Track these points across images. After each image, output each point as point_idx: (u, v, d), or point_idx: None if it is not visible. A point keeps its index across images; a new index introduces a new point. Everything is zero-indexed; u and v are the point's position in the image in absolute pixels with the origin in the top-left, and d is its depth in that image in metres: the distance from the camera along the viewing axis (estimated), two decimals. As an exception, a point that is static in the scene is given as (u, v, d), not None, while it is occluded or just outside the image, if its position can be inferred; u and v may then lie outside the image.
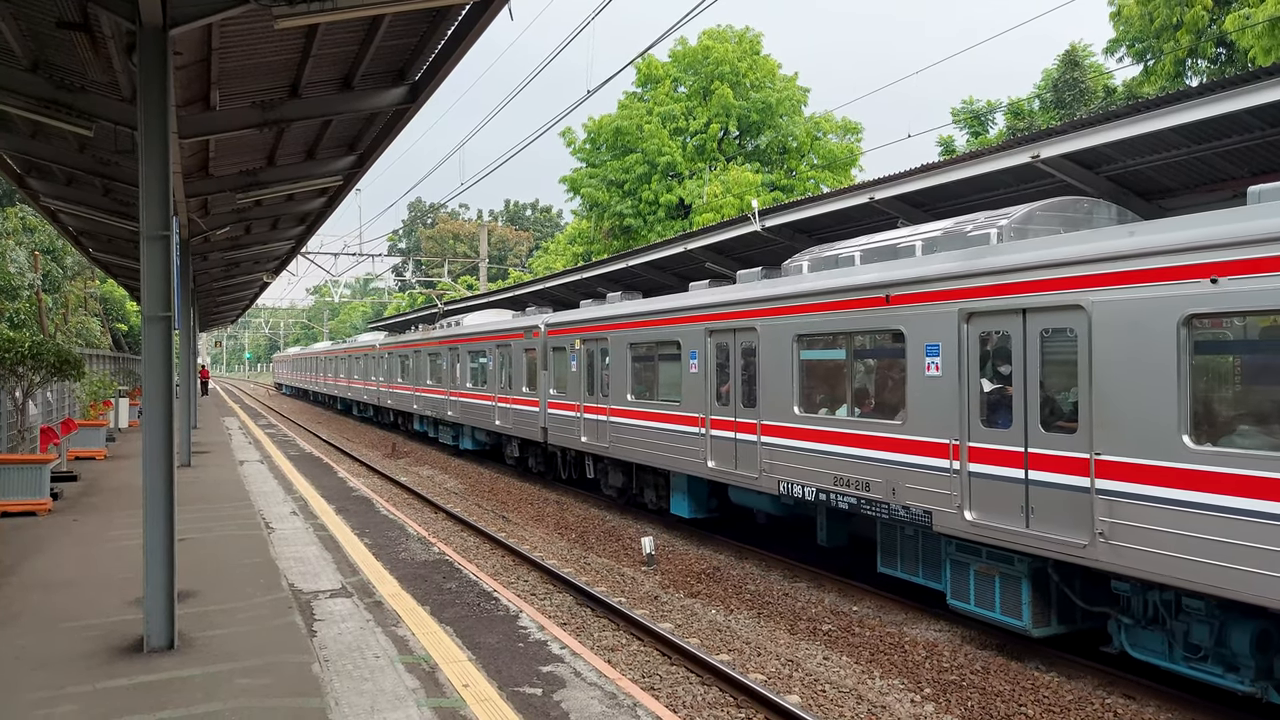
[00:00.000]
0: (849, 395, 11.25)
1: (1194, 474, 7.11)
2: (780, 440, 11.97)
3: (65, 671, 6.61)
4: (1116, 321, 7.69)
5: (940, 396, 9.43)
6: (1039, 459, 8.40)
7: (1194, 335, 7.22)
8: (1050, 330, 8.42)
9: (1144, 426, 7.48)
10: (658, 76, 40.01)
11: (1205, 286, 6.98)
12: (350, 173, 14.67)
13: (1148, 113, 10.14)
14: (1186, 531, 7.16)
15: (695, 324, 13.98)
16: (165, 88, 7.13)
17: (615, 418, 16.57)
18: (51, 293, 29.78)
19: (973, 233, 9.80)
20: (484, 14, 8.44)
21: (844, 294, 10.88)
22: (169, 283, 7.18)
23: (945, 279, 9.44)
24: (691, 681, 8.74)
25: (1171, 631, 7.79)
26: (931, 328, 9.55)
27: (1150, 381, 7.42)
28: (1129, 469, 7.58)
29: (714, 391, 13.59)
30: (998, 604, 9.13)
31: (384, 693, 6.37)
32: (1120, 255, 7.68)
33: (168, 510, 7.08)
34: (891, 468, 10.09)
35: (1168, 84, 28.75)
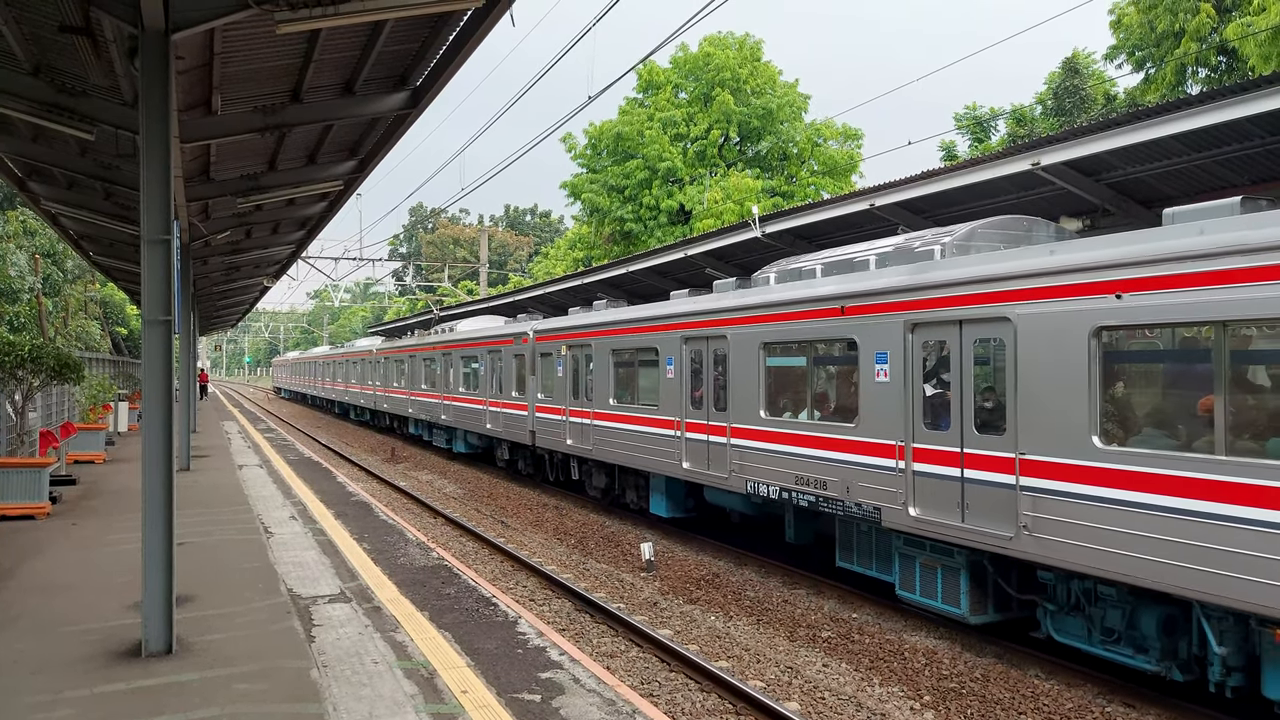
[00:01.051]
0: (809, 400, 11.94)
1: (1103, 471, 7.81)
2: (748, 442, 12.64)
3: (63, 676, 6.59)
4: (1037, 332, 8.41)
5: (888, 401, 10.13)
6: (973, 459, 9.08)
7: (1103, 345, 7.95)
8: (982, 340, 9.16)
9: (1061, 428, 8.18)
10: (659, 82, 40.09)
11: (1112, 301, 7.71)
12: (351, 177, 14.68)
13: (1148, 120, 10.16)
14: (1097, 524, 7.83)
15: (672, 332, 14.68)
16: (167, 92, 7.14)
17: (598, 421, 17.22)
18: (52, 296, 29.78)
19: (919, 248, 10.46)
20: (486, 20, 8.44)
21: (805, 305, 11.57)
22: (169, 287, 7.19)
23: (892, 292, 10.14)
24: (690, 688, 8.71)
25: (1090, 617, 8.45)
26: (881, 337, 10.26)
27: (1066, 387, 8.13)
28: (1048, 467, 8.27)
29: (689, 396, 14.27)
30: (940, 594, 9.78)
31: (382, 698, 6.35)
32: (1041, 272, 8.42)
33: (166, 514, 7.07)
34: (846, 467, 10.75)
35: (1168, 92, 28.79)
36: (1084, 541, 7.93)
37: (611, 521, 17.22)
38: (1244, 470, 6.82)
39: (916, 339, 9.83)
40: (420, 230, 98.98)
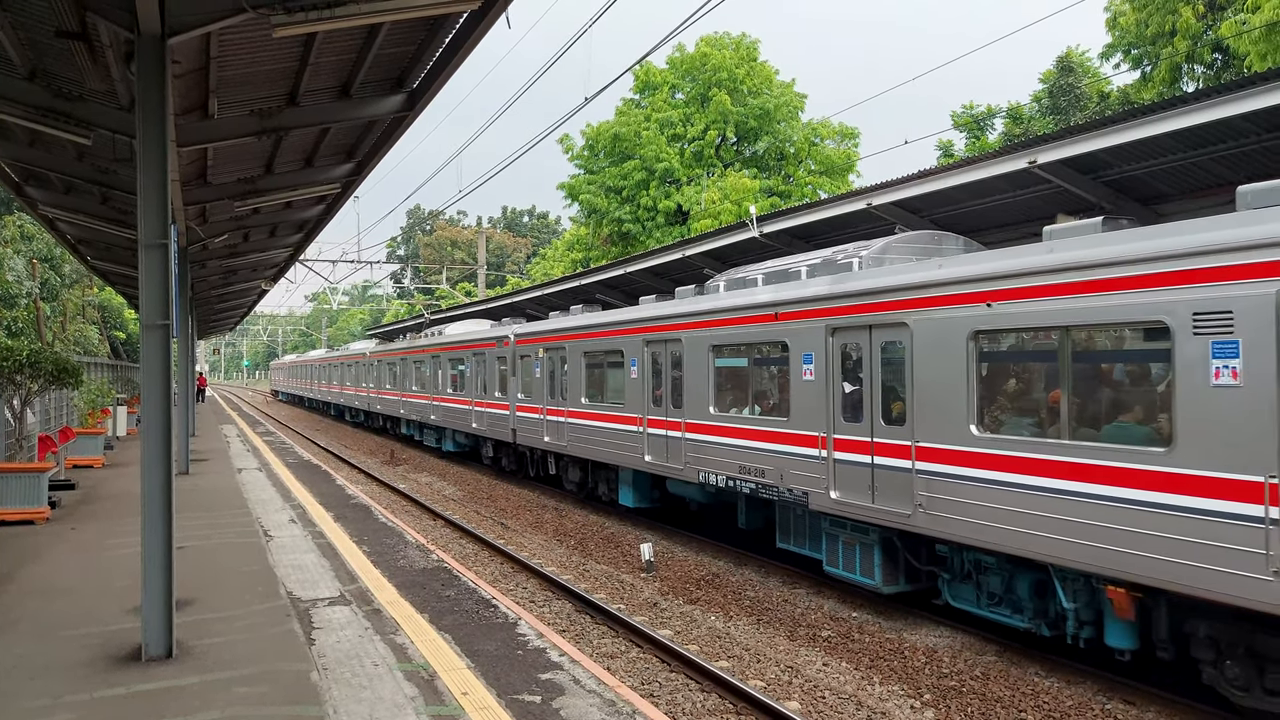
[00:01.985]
0: (750, 397, 13.33)
1: (979, 456, 9.05)
2: (699, 436, 13.88)
3: (63, 680, 6.59)
4: (928, 336, 9.65)
5: (813, 397, 11.40)
6: (880, 447, 10.37)
7: (978, 347, 9.19)
8: (887, 343, 10.37)
9: (946, 419, 9.44)
10: (656, 83, 40.09)
11: (984, 309, 8.98)
12: (348, 180, 14.68)
13: (1144, 118, 10.17)
14: (976, 502, 9.04)
15: (636, 335, 15.88)
16: (164, 96, 7.14)
17: (572, 419, 18.42)
18: (49, 301, 29.73)
19: (841, 260, 11.71)
20: (482, 22, 8.44)
21: (746, 311, 12.80)
22: (167, 290, 7.18)
23: (816, 300, 11.39)
24: (691, 688, 8.72)
25: (978, 584, 9.67)
26: (807, 340, 11.51)
27: (950, 383, 9.38)
28: (937, 453, 9.54)
29: (650, 394, 15.48)
30: (858, 568, 11.02)
31: (382, 700, 6.36)
32: (931, 284, 9.66)
33: (166, 518, 7.07)
34: (780, 457, 11.99)
35: (1164, 90, 28.84)
36: (966, 517, 9.18)
37: (611, 522, 17.22)
38: (1083, 452, 8.06)
39: (836, 342, 11.10)
40: (418, 232, 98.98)
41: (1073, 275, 8.14)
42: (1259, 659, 7.27)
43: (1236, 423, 6.92)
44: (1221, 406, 7.03)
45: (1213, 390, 7.10)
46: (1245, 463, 6.86)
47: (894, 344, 10.22)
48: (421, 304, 50.32)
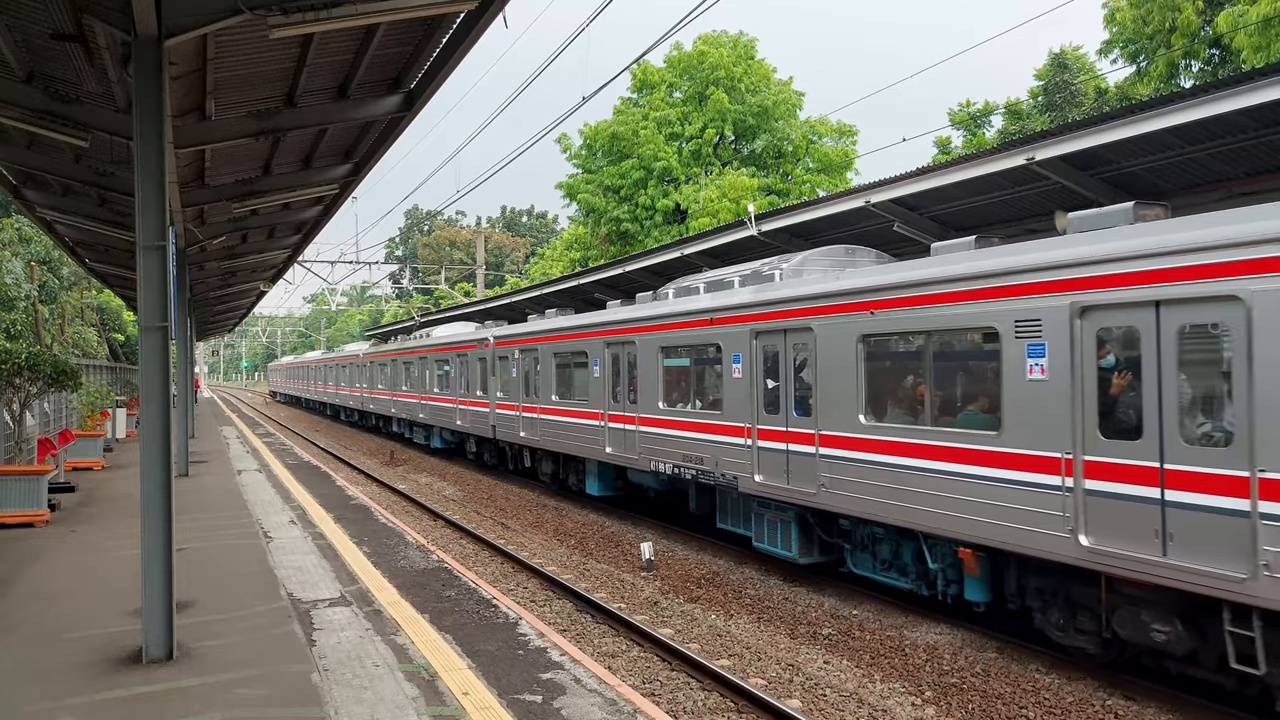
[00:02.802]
0: (692, 393, 14.75)
1: (866, 441, 10.61)
2: (651, 429, 15.35)
3: (64, 682, 6.60)
4: (829, 339, 11.15)
5: (741, 393, 12.85)
6: (793, 435, 11.83)
7: (865, 349, 10.69)
8: (798, 345, 11.84)
9: (842, 409, 10.98)
10: (653, 82, 40.05)
11: (869, 317, 10.55)
12: (346, 181, 14.67)
13: (1141, 114, 10.17)
14: (864, 480, 10.60)
15: (598, 338, 17.30)
16: (161, 98, 7.14)
17: (544, 415, 19.82)
18: (48, 303, 29.71)
19: (766, 272, 13.24)
20: (479, 22, 8.44)
21: (688, 316, 14.35)
22: (166, 293, 7.18)
23: (743, 307, 12.85)
24: (692, 687, 8.72)
25: (873, 552, 11.14)
26: (736, 342, 12.95)
27: (844, 379, 10.94)
28: (835, 439, 11.08)
29: (610, 392, 16.83)
30: (780, 542, 12.40)
31: (384, 701, 6.36)
32: (829, 294, 11.22)
33: (165, 520, 7.07)
34: (716, 446, 13.42)
35: (1161, 85, 28.84)
36: (858, 494, 10.72)
37: (611, 521, 17.23)
38: (941, 436, 9.62)
39: (759, 344, 12.53)
40: (416, 233, 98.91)
41: (931, 289, 9.72)
42: (1072, 605, 8.78)
43: (1044, 410, 8.46)
44: (1034, 397, 8.57)
45: (1028, 384, 8.64)
46: (1050, 442, 8.39)
47: (803, 346, 11.77)
48: (413, 308, 50.88)
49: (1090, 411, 8.09)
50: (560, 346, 19.26)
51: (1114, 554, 7.81)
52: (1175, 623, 7.74)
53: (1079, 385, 8.17)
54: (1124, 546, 7.72)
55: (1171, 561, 7.36)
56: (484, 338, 24.18)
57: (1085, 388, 8.13)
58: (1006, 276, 8.91)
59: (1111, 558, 7.84)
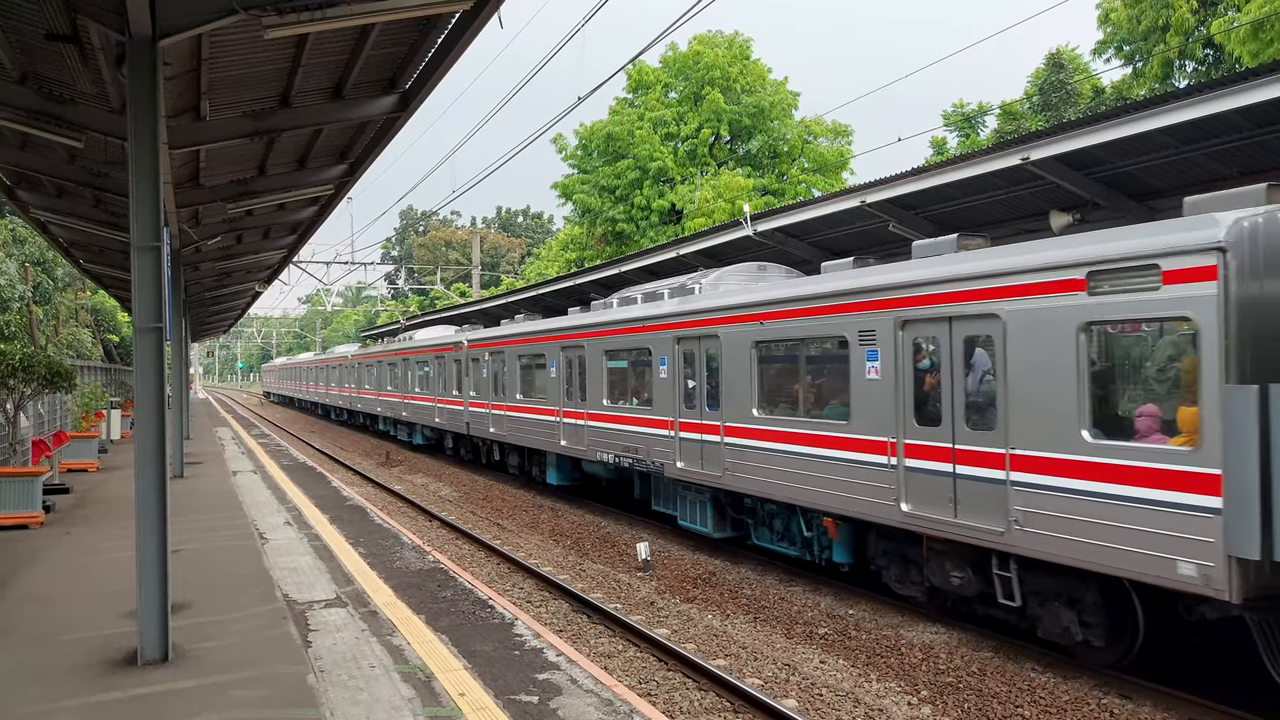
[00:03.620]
0: (630, 391, 16.53)
1: (758, 431, 12.46)
2: (597, 423, 17.16)
3: (59, 684, 6.58)
4: (730, 343, 13.07)
5: (667, 390, 14.71)
6: (705, 427, 13.72)
7: (757, 353, 12.63)
8: (709, 349, 13.75)
9: (739, 403, 12.89)
10: (649, 82, 40.07)
11: (759, 326, 12.51)
12: (342, 181, 14.65)
13: (1136, 114, 10.19)
14: (758, 464, 12.46)
15: (554, 342, 19.25)
16: (155, 99, 7.12)
17: (511, 412, 21.73)
18: (42, 304, 29.63)
19: (689, 286, 15.23)
20: (474, 22, 8.43)
21: (626, 324, 16.19)
22: (160, 294, 7.16)
23: (667, 316, 14.85)
24: (688, 687, 8.72)
25: (770, 526, 13.03)
26: (663, 347, 14.86)
27: (742, 378, 12.83)
28: (736, 429, 12.95)
29: (564, 390, 18.66)
30: (698, 520, 14.34)
31: (380, 702, 6.35)
32: (730, 307, 13.20)
33: (161, 522, 7.06)
34: (647, 437, 15.26)
35: (1156, 85, 28.90)
36: (753, 475, 12.58)
37: (607, 522, 17.23)
38: (811, 426, 11.59)
39: (680, 348, 14.45)
40: (412, 233, 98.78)
41: (801, 304, 11.72)
42: (906, 561, 10.70)
43: (878, 402, 10.43)
44: (871, 393, 10.56)
45: (867, 382, 10.58)
46: (882, 429, 10.39)
47: (713, 350, 13.64)
48: (399, 311, 51.78)
49: (909, 404, 10.05)
50: (524, 350, 21.15)
51: (924, 517, 9.77)
52: (967, 570, 9.61)
53: (901, 383, 10.13)
54: (930, 510, 9.68)
55: (960, 521, 9.31)
56: (459, 341, 26.11)
57: (905, 385, 10.11)
58: (852, 295, 10.86)
59: (923, 520, 9.80)
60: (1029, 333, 8.59)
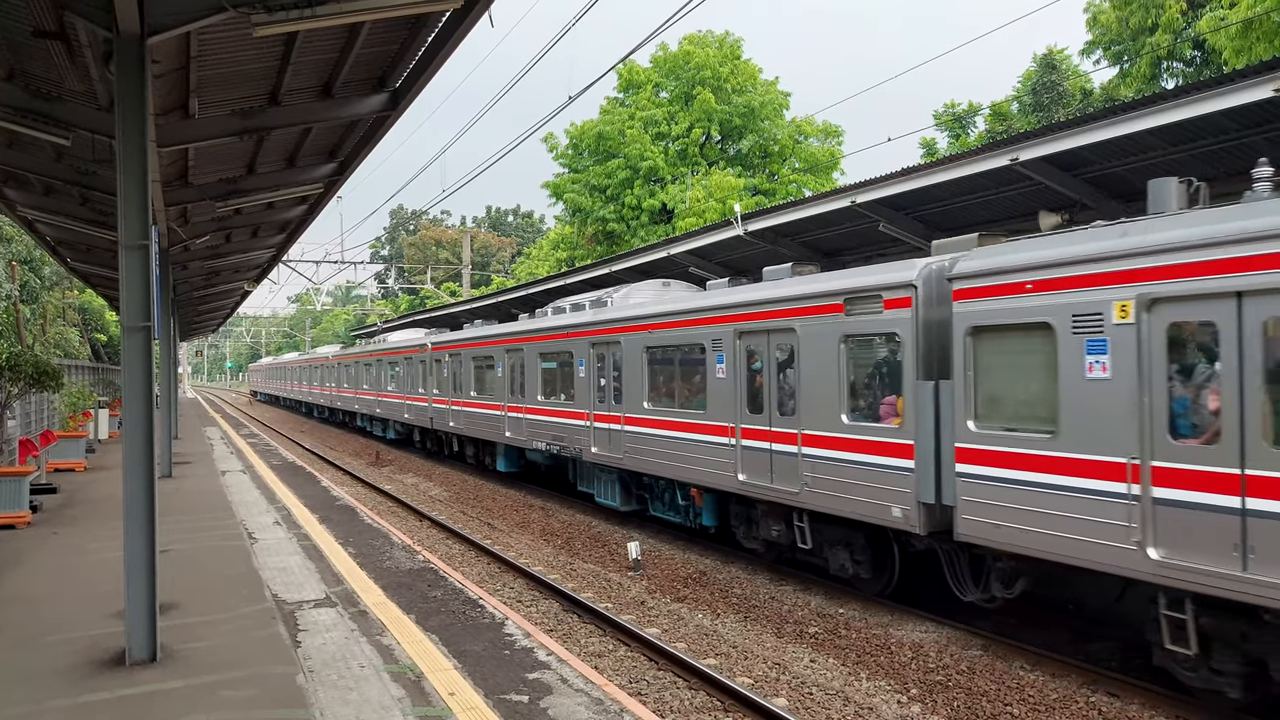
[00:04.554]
0: (558, 388, 18.95)
1: (647, 420, 15.13)
2: (534, 416, 19.85)
3: (45, 685, 6.54)
4: (629, 348, 15.69)
5: (585, 387, 17.26)
6: (612, 418, 16.19)
7: (648, 355, 15.18)
8: (615, 353, 16.21)
9: (635, 397, 15.49)
10: (639, 82, 40.04)
11: (649, 334, 15.09)
12: (331, 180, 14.60)
13: (1124, 115, 10.23)
14: (647, 446, 15.04)
15: (500, 345, 22.05)
16: (143, 96, 7.09)
17: (466, 408, 24.44)
18: (29, 303, 29.44)
19: (604, 299, 17.87)
20: (464, 21, 8.41)
21: (553, 330, 19.03)
22: (148, 292, 7.13)
23: (584, 325, 17.51)
24: (679, 686, 8.73)
25: (662, 499, 15.51)
26: (581, 350, 17.47)
27: (637, 377, 15.45)
28: (632, 419, 15.55)
29: (509, 388, 21.30)
30: (609, 496, 16.94)
31: (369, 702, 6.34)
32: (628, 319, 15.84)
33: (149, 522, 7.02)
34: (571, 427, 17.84)
35: (1144, 86, 29.03)
36: (644, 456, 15.15)
37: (598, 521, 17.23)
38: (683, 415, 14.15)
39: (594, 352, 16.98)
40: (402, 232, 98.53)
41: (677, 317, 14.46)
42: (754, 523, 13.04)
43: (724, 395, 13.05)
44: (721, 388, 13.12)
45: (717, 380, 13.19)
46: (727, 416, 12.93)
47: (617, 354, 16.14)
48: (389, 311, 52.51)
49: (744, 397, 12.66)
50: (476, 352, 23.98)
51: (753, 484, 12.38)
52: (782, 524, 12.28)
53: (739, 380, 12.74)
54: (756, 479, 12.31)
55: (774, 486, 11.95)
56: (424, 343, 28.80)
57: (741, 382, 12.73)
58: (708, 311, 13.56)
59: (752, 487, 12.43)
60: (812, 342, 11.31)
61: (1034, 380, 8.78)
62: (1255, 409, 6.88)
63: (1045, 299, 8.47)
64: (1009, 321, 8.84)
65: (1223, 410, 7.11)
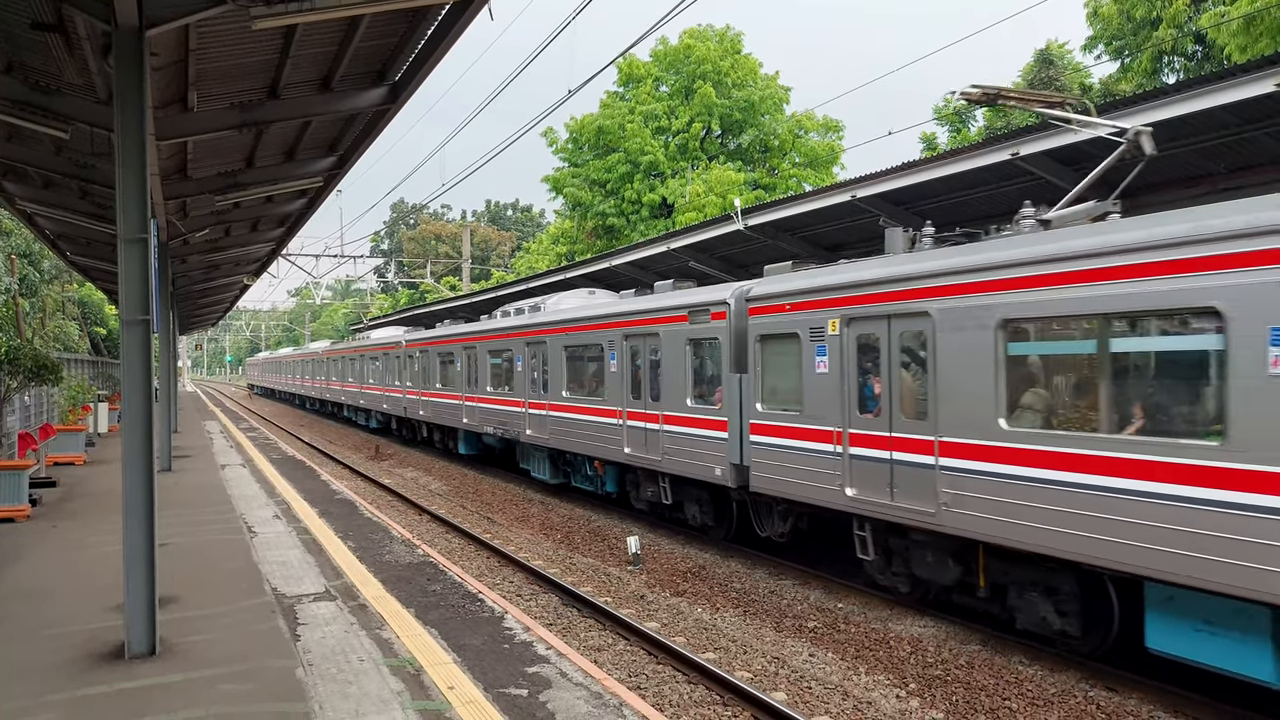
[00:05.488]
0: (503, 381, 21.97)
1: (567, 406, 17.91)
2: (485, 405, 22.88)
3: (45, 679, 6.54)
4: (553, 347, 18.69)
5: (522, 379, 20.32)
6: (543, 405, 19.01)
7: (566, 353, 18.20)
8: (544, 351, 19.23)
9: (555, 388, 18.51)
10: (639, 76, 39.96)
11: (567, 336, 17.98)
12: (330, 174, 14.58)
13: (1124, 110, 10.21)
14: (568, 429, 17.87)
15: (459, 344, 25.18)
16: (142, 89, 7.07)
17: (434, 398, 27.78)
18: (28, 297, 29.41)
19: (538, 304, 21.15)
20: (464, 14, 8.40)
21: (500, 331, 22.10)
22: (148, 286, 7.12)
23: (521, 327, 20.71)
24: (678, 680, 8.74)
25: (583, 472, 18.21)
26: (519, 348, 20.66)
27: (558, 369, 18.39)
28: (557, 406, 18.35)
29: (467, 381, 24.40)
30: (541, 471, 20.05)
31: (368, 696, 6.34)
32: (550, 322, 18.97)
33: (148, 515, 7.02)
34: (512, 413, 20.83)
35: (1145, 81, 28.97)
36: (565, 436, 18.08)
37: (598, 515, 17.24)
38: (589, 401, 17.00)
39: (529, 350, 20.11)
40: (402, 226, 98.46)
41: (584, 322, 17.43)
42: (640, 485, 15.98)
43: (615, 385, 16.01)
44: (613, 379, 16.08)
45: (611, 373, 16.18)
46: (618, 402, 15.89)
47: (545, 351, 19.19)
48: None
49: (629, 386, 15.66)
50: (441, 349, 27.10)
51: (635, 455, 15.46)
52: (654, 487, 15.42)
53: (626, 373, 15.75)
54: (637, 451, 15.39)
55: (647, 456, 15.07)
56: (400, 341, 32.43)
57: (627, 374, 15.72)
58: (604, 319, 16.66)
59: (634, 458, 15.49)
60: (670, 343, 14.48)
61: (791, 374, 11.90)
62: (898, 393, 10.15)
63: (796, 316, 11.73)
64: (778, 331, 12.11)
65: (882, 394, 10.34)
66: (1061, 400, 8.73)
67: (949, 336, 9.36)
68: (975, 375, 9.05)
